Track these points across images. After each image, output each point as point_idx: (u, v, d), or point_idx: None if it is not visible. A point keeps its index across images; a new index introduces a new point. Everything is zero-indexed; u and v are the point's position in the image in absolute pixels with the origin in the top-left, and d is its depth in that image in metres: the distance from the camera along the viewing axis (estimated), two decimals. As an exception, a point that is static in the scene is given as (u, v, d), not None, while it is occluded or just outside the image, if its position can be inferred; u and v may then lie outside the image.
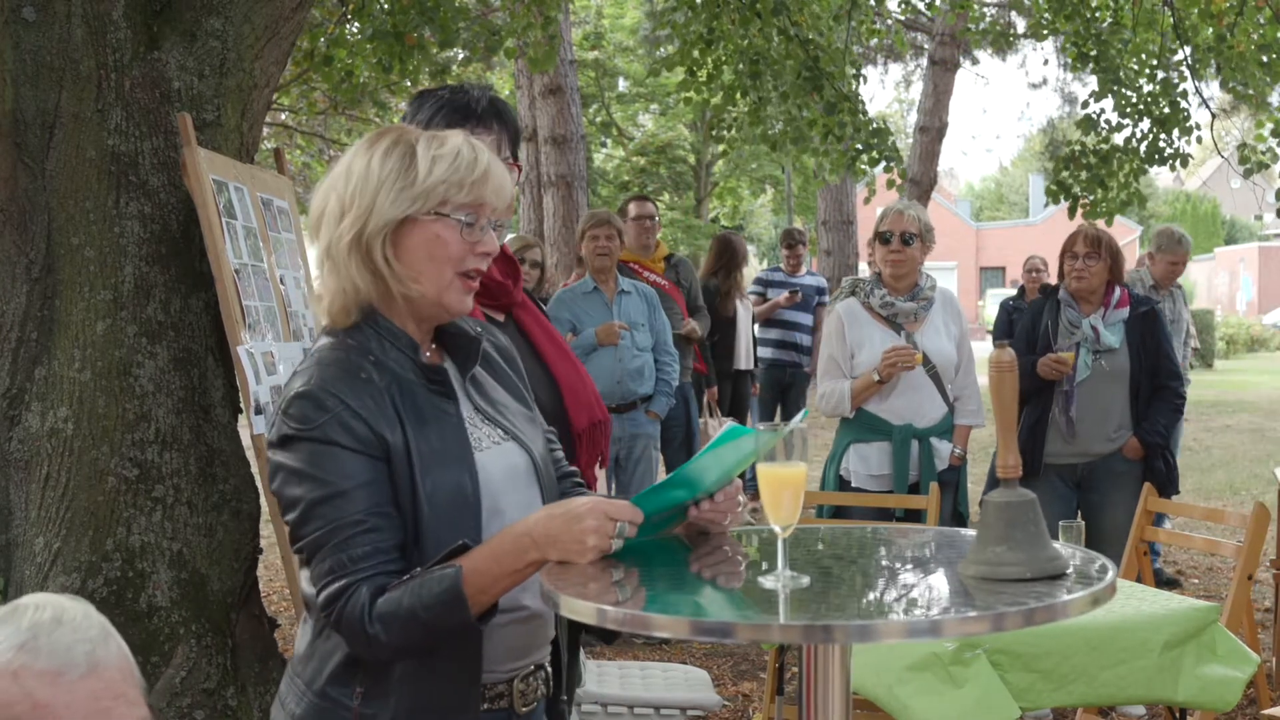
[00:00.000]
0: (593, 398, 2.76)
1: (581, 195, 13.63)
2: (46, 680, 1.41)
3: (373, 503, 1.86)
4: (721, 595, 1.87)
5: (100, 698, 1.43)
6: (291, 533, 1.92)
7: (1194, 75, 9.26)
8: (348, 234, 1.93)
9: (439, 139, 1.97)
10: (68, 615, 1.48)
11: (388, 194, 1.92)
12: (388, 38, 7.33)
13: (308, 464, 1.87)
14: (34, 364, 3.87)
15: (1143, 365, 5.06)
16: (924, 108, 17.12)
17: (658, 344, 6.42)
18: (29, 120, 3.88)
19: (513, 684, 2.01)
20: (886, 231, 4.84)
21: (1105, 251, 5.05)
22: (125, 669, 1.49)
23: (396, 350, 1.96)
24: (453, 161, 1.94)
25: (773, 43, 8.26)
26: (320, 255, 2.00)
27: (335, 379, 1.90)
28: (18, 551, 3.84)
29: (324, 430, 1.86)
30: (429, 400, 1.95)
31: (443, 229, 1.94)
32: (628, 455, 6.32)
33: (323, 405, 1.87)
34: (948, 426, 4.83)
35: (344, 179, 1.97)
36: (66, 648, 1.44)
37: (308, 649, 1.99)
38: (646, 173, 26.29)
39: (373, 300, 1.96)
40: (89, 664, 1.44)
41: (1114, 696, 3.34)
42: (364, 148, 1.99)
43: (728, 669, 5.75)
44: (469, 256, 1.96)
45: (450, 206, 1.94)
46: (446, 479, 1.91)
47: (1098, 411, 5.03)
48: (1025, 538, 1.83)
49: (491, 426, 2.04)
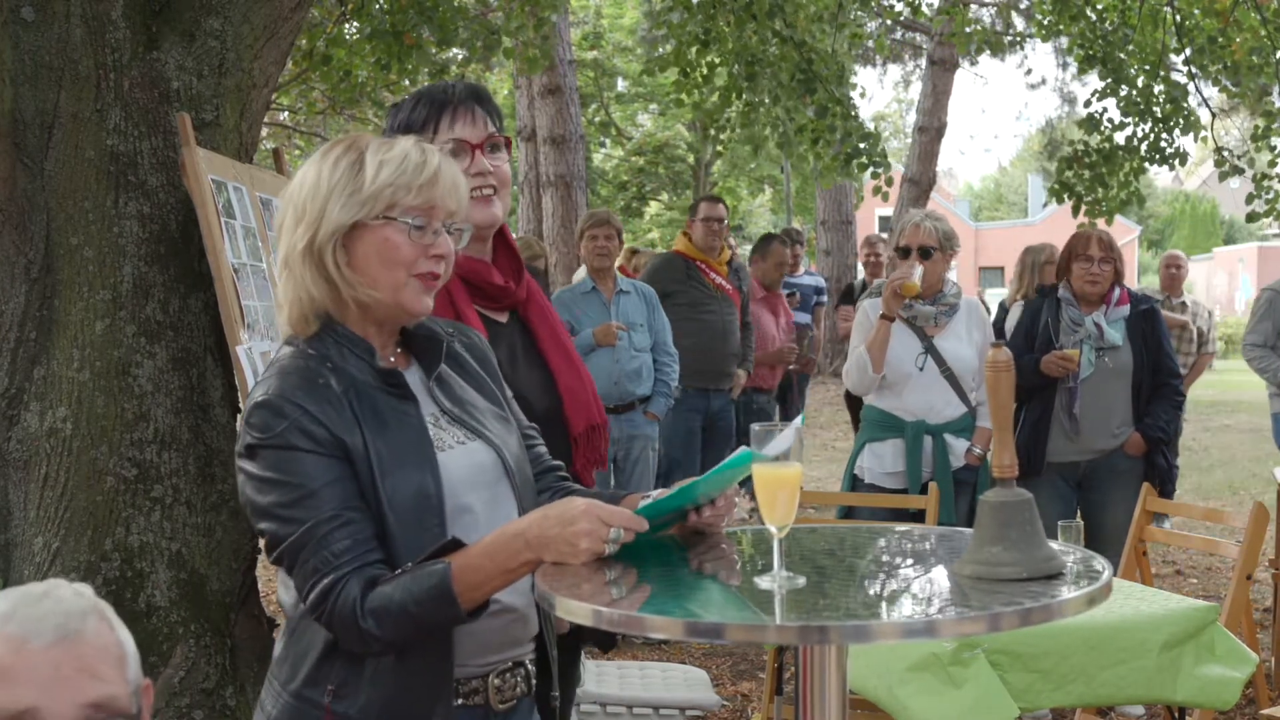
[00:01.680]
0: (592, 401, 2.76)
1: (580, 195, 13.64)
2: (12, 645, 1.46)
3: (344, 499, 1.88)
4: (717, 596, 1.88)
5: (62, 667, 1.46)
6: (268, 542, 1.93)
7: (1196, 72, 9.26)
8: (300, 242, 1.96)
9: (388, 144, 1.98)
10: (57, 592, 1.52)
11: (337, 200, 1.94)
12: (386, 37, 7.33)
13: (274, 470, 1.89)
14: (33, 364, 3.87)
15: (1144, 362, 5.07)
16: (923, 108, 17.13)
17: (657, 344, 6.41)
18: (28, 120, 3.88)
19: (488, 680, 2.01)
20: (905, 246, 4.85)
21: (1116, 255, 5.08)
22: (105, 650, 1.51)
23: (355, 356, 1.97)
24: (399, 165, 1.95)
25: (768, 45, 8.26)
26: (280, 265, 2.01)
27: (294, 387, 1.91)
28: (16, 551, 3.84)
29: (285, 436, 1.88)
30: (387, 403, 1.96)
31: (392, 233, 1.94)
32: (625, 456, 6.30)
33: (282, 412, 1.89)
34: (965, 425, 4.83)
35: (299, 188, 1.99)
36: (38, 618, 1.48)
37: (283, 651, 2.01)
38: (645, 172, 26.31)
39: (328, 308, 1.98)
40: (57, 635, 1.47)
41: (1113, 696, 3.34)
42: (318, 157, 2.01)
43: (726, 669, 5.75)
44: (421, 259, 1.96)
45: (399, 210, 1.94)
46: (407, 480, 1.92)
47: (1101, 409, 5.03)
48: (1021, 537, 1.83)
49: (457, 427, 2.04)
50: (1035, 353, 5.03)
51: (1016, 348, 4.95)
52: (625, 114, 26.74)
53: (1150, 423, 5.04)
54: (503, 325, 2.64)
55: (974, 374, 4.84)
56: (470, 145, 2.50)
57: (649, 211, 27.38)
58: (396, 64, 7.49)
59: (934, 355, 4.81)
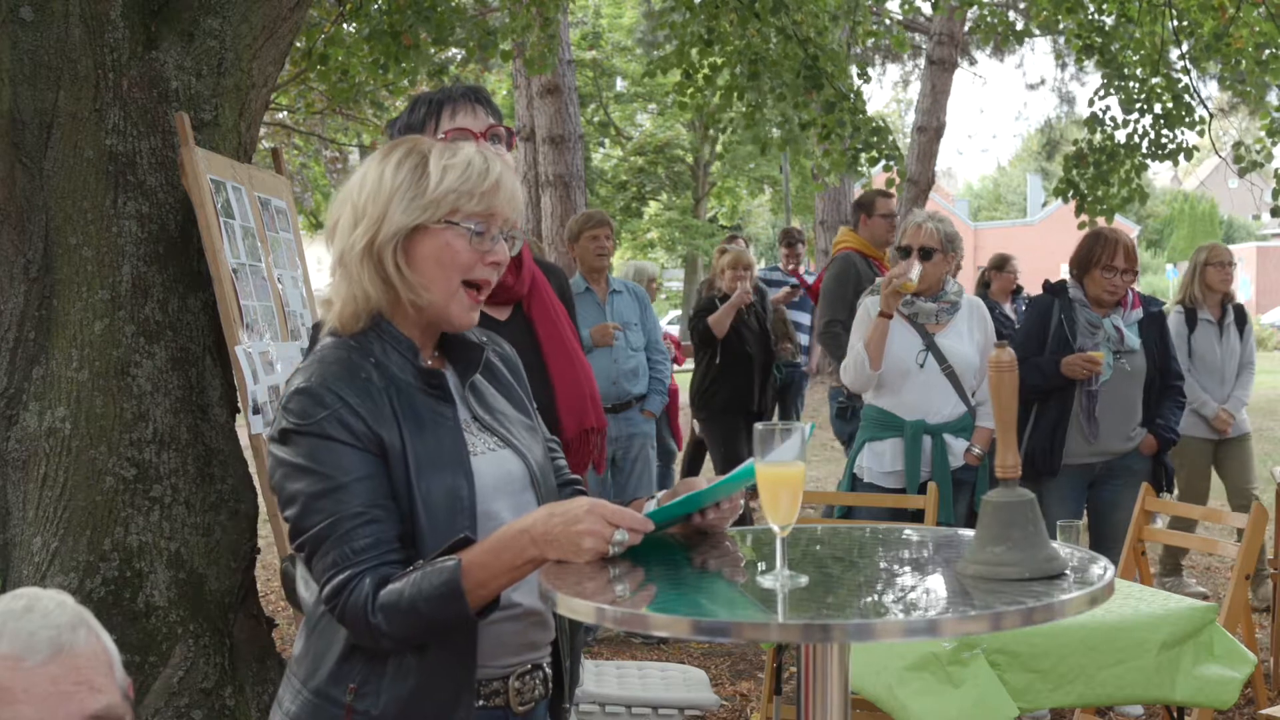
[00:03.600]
0: (589, 404, 2.75)
1: (579, 195, 13.63)
2: (8, 665, 1.45)
3: (372, 496, 1.89)
4: (720, 594, 1.88)
5: (59, 682, 1.46)
6: (291, 528, 1.93)
7: (1195, 67, 9.28)
8: (360, 242, 1.97)
9: (451, 149, 2.00)
10: (40, 604, 1.51)
11: (400, 203, 1.96)
12: (384, 38, 7.34)
13: (307, 458, 1.89)
14: (32, 364, 3.87)
15: (1156, 365, 5.08)
16: (922, 108, 17.11)
17: (650, 343, 6.45)
18: (27, 120, 3.88)
19: (508, 681, 2.02)
20: (906, 246, 4.87)
21: (1137, 264, 5.08)
22: (95, 658, 1.51)
23: (398, 354, 1.99)
24: (464, 171, 1.97)
25: (771, 43, 8.26)
26: (333, 263, 2.03)
27: (336, 377, 1.92)
28: (15, 551, 3.84)
29: (322, 426, 1.89)
30: (426, 404, 1.98)
31: (453, 237, 1.96)
32: (625, 455, 6.33)
33: (322, 401, 1.90)
34: (965, 425, 4.84)
35: (358, 189, 2.01)
36: (30, 634, 1.47)
37: (303, 647, 2.01)
38: (644, 172, 26.33)
39: (382, 307, 2.00)
40: (51, 650, 1.47)
41: (1112, 696, 3.34)
42: (378, 158, 2.03)
43: (725, 669, 5.75)
44: (478, 265, 1.99)
45: (461, 215, 1.96)
46: (442, 482, 1.93)
47: (1119, 411, 5.03)
48: (1023, 538, 1.83)
49: (488, 434, 2.06)
50: (1050, 353, 4.99)
51: (1023, 347, 4.93)
52: (624, 114, 26.76)
53: (1162, 424, 5.08)
54: (503, 323, 2.64)
55: (975, 372, 4.84)
56: (472, 134, 2.53)
57: (648, 212, 27.40)
58: (394, 64, 7.49)
59: (935, 353, 4.81)
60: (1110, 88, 9.36)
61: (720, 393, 7.27)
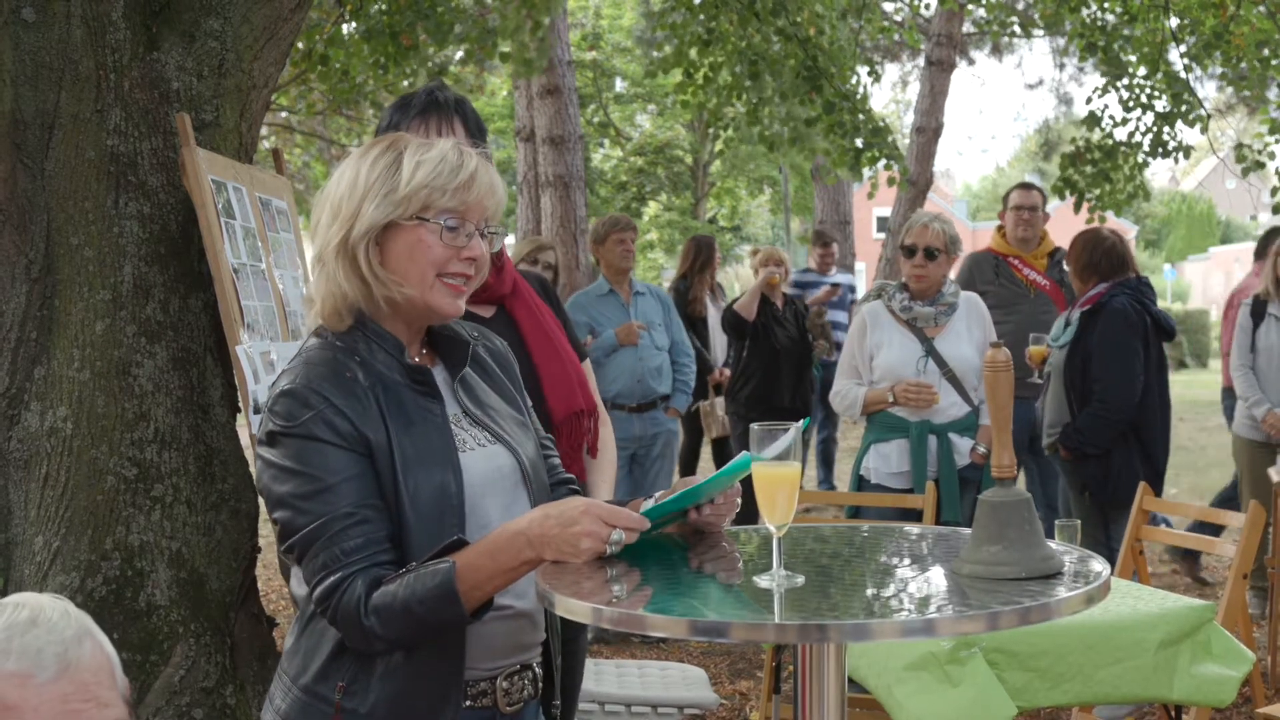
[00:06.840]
0: (577, 388, 2.77)
1: (579, 196, 13.61)
2: (15, 683, 1.43)
3: (360, 496, 1.88)
4: (717, 594, 1.88)
5: (69, 700, 1.45)
6: (280, 530, 1.93)
7: (1197, 65, 9.28)
8: (335, 239, 1.97)
9: (426, 145, 2.00)
10: (44, 616, 1.49)
11: (373, 200, 1.96)
12: (384, 38, 7.35)
13: (294, 460, 1.89)
14: (33, 364, 3.88)
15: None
16: (920, 108, 17.09)
17: (674, 344, 6.53)
18: (28, 120, 3.88)
19: (496, 682, 2.02)
20: (911, 245, 4.90)
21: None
22: (100, 670, 1.50)
23: (383, 351, 1.98)
24: (436, 166, 1.96)
25: (771, 43, 8.26)
26: (313, 260, 2.03)
27: (320, 378, 1.92)
28: (17, 550, 3.85)
29: (308, 427, 1.89)
30: (414, 401, 1.97)
31: (425, 233, 1.96)
32: (647, 453, 6.42)
33: (307, 402, 1.90)
34: (969, 424, 4.86)
35: (336, 186, 2.01)
36: (37, 650, 1.45)
37: (293, 645, 2.01)
38: (644, 173, 26.32)
39: (360, 304, 1.99)
40: (60, 666, 1.45)
41: (1110, 695, 3.35)
42: (357, 155, 2.03)
43: (725, 668, 5.76)
44: (453, 260, 1.98)
45: (433, 211, 1.96)
46: (430, 479, 1.93)
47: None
48: (1020, 537, 1.84)
49: (479, 429, 2.05)
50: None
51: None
52: (624, 114, 26.74)
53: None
54: (487, 320, 2.67)
55: (975, 372, 4.86)
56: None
57: (648, 212, 27.39)
58: (394, 65, 7.50)
59: (934, 357, 4.83)
60: (1111, 86, 9.37)
61: (746, 386, 7.34)
